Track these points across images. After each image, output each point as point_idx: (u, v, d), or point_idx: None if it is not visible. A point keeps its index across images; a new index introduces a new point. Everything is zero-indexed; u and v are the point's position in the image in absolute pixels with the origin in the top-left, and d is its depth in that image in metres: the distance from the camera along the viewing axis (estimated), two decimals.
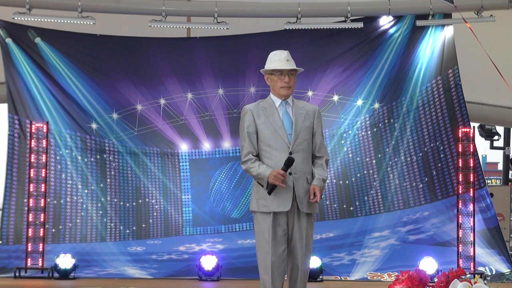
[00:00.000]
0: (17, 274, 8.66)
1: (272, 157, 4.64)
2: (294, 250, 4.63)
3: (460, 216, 8.81)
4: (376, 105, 9.81)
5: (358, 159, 9.85)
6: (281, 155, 4.61)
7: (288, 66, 4.72)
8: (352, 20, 9.31)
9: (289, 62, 4.73)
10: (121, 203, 9.78)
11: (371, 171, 9.81)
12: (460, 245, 8.76)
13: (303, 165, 4.64)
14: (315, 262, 8.58)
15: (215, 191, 9.90)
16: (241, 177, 9.75)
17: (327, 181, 9.77)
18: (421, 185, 9.70)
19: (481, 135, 13.51)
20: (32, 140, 8.97)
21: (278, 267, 4.59)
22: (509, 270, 9.02)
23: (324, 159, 4.73)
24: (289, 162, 4.49)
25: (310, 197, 4.57)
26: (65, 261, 8.65)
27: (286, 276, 4.78)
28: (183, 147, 9.93)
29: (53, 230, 9.49)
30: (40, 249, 8.81)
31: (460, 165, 8.90)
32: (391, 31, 9.69)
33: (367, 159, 9.83)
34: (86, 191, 9.69)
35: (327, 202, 9.79)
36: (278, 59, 4.74)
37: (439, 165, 9.64)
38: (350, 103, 9.85)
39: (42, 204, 8.90)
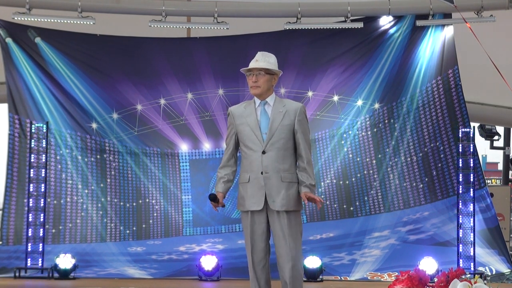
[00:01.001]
0: (17, 274, 8.65)
1: (248, 157, 4.71)
2: (278, 248, 4.66)
3: (460, 216, 8.81)
4: (376, 105, 9.81)
5: (358, 159, 9.85)
6: (256, 155, 4.65)
7: (253, 65, 4.70)
8: (352, 20, 9.30)
9: (258, 62, 4.70)
10: (121, 203, 9.78)
11: (371, 171, 9.81)
12: (460, 245, 8.76)
13: (277, 163, 4.63)
14: (315, 262, 8.58)
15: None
16: None
17: (327, 181, 9.79)
18: (421, 185, 9.70)
19: (481, 135, 13.50)
20: (32, 140, 8.96)
21: (259, 263, 4.69)
22: (509, 270, 9.02)
23: (305, 161, 4.68)
24: (210, 198, 4.69)
25: (305, 202, 4.64)
26: (65, 261, 8.64)
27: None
28: (183, 147, 9.92)
29: (53, 231, 9.48)
30: (40, 249, 8.80)
31: (460, 165, 8.89)
32: (391, 31, 9.69)
33: (367, 159, 9.83)
34: (86, 191, 9.69)
35: (327, 202, 9.79)
36: (252, 61, 4.75)
37: (439, 165, 9.64)
38: (350, 103, 9.85)
39: (42, 204, 8.89)
